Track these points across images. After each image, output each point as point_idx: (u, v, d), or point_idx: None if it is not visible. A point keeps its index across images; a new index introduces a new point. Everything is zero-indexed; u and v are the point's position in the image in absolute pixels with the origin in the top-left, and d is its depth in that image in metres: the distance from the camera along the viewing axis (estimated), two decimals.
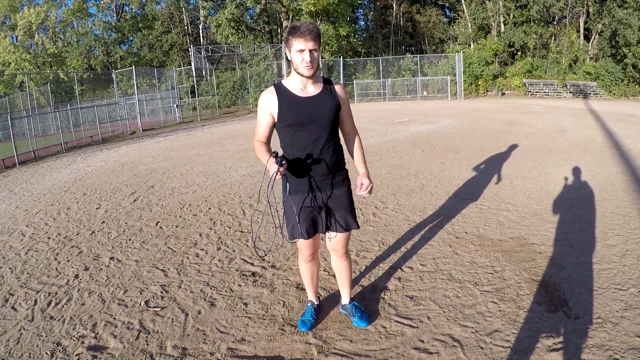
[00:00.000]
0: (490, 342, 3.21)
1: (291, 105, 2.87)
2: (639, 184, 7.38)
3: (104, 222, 6.70)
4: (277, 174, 2.63)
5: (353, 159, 3.22)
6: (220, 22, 39.75)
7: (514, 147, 11.31)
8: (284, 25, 43.20)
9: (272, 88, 2.95)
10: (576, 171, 8.39)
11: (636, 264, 4.39)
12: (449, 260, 4.68)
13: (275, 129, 3.03)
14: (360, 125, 17.77)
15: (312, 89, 2.93)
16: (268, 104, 2.92)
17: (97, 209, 7.46)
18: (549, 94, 35.77)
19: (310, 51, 2.73)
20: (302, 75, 2.83)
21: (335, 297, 3.89)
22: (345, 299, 3.60)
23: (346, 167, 3.18)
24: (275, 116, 2.92)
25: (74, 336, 3.54)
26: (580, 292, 3.88)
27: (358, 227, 3.23)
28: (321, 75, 3.14)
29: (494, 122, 17.26)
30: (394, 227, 5.80)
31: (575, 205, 6.40)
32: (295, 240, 3.17)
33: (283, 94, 2.90)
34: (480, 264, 4.55)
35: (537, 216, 5.99)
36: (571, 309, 3.61)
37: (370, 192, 2.98)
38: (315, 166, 2.95)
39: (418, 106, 29.27)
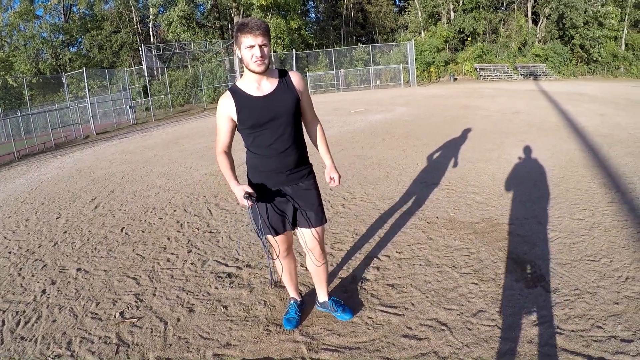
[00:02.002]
0: (477, 323, 3.25)
1: (249, 106, 2.81)
2: (598, 159, 7.60)
3: (66, 231, 6.45)
4: (250, 207, 2.78)
5: (317, 149, 3.20)
6: (171, 19, 39.01)
7: (471, 130, 11.50)
8: (234, 20, 42.72)
9: (227, 93, 2.88)
10: (535, 151, 8.58)
11: (604, 235, 4.55)
12: (424, 246, 4.71)
13: (237, 131, 2.97)
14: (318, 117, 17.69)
15: (268, 86, 2.87)
16: (226, 110, 2.85)
17: (57, 218, 7.18)
18: (500, 77, 36.56)
19: (260, 46, 2.68)
20: (253, 72, 2.77)
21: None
22: (323, 297, 3.53)
23: (310, 161, 3.15)
24: (236, 120, 2.86)
25: (49, 356, 3.36)
26: (555, 266, 3.99)
27: (325, 222, 3.19)
28: (274, 67, 3.08)
29: (449, 108, 17.53)
30: (365, 217, 5.79)
31: (539, 183, 6.54)
32: (265, 236, 3.10)
33: (239, 96, 2.84)
34: (456, 247, 4.60)
35: (503, 196, 6.11)
36: (549, 283, 3.70)
37: (338, 183, 3.07)
38: (280, 162, 2.91)
39: (373, 95, 29.44)
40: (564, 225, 4.90)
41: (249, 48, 2.68)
